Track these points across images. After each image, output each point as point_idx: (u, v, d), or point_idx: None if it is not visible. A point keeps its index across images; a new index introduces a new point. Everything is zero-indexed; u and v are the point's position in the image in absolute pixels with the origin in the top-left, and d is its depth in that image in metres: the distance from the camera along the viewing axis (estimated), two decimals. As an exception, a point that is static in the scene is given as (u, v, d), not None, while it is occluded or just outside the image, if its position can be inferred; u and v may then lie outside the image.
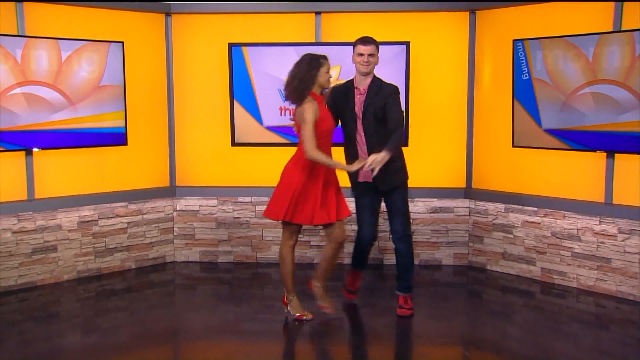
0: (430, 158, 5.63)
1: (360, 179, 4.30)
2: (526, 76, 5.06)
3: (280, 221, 4.18)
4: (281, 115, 5.50)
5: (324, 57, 4.10)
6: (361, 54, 4.18)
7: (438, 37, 5.51)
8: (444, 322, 4.39)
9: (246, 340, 4.14)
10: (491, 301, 4.92)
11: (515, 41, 5.09)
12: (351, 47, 4.28)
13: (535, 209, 5.16)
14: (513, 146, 5.23)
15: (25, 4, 4.89)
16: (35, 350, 3.91)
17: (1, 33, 4.73)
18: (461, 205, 5.57)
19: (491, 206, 5.41)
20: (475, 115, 5.57)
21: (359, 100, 4.23)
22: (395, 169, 4.24)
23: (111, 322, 4.40)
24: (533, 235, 5.19)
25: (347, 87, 4.30)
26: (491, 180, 5.53)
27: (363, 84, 4.24)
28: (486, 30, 5.44)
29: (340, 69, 5.39)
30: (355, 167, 3.99)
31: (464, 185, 5.63)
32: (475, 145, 5.59)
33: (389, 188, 4.29)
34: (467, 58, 5.51)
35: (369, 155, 4.11)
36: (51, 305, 4.68)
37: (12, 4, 4.84)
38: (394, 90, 4.22)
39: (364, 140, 4.24)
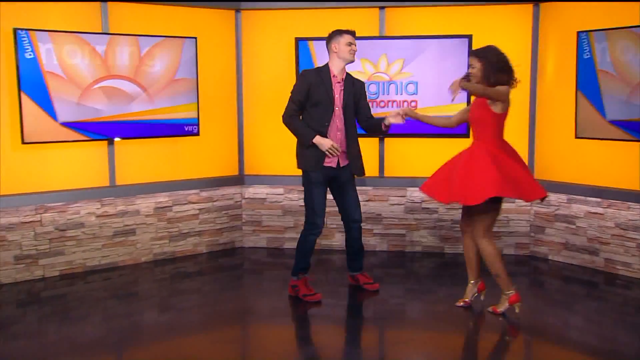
0: (492, 149, 5.58)
1: (326, 162, 4.30)
2: (590, 67, 4.96)
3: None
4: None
5: None
6: (351, 43, 4.25)
7: (500, 30, 5.45)
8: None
9: (310, 324, 4.26)
10: (553, 291, 4.87)
11: (579, 33, 4.99)
12: (414, 40, 4.31)
13: (599, 199, 5.06)
14: (576, 137, 5.14)
15: (109, 3, 5.12)
16: (117, 325, 4.12)
17: (87, 31, 4.98)
18: (523, 195, 5.50)
19: (553, 197, 5.33)
20: (538, 106, 5.49)
21: (338, 88, 4.28)
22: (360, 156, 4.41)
23: (184, 302, 4.57)
24: (596, 226, 5.09)
25: (323, 75, 4.27)
26: (553, 171, 5.44)
27: (342, 74, 4.31)
28: (550, 22, 5.35)
29: (403, 62, 5.41)
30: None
31: (526, 176, 5.56)
32: (537, 136, 5.52)
33: (359, 173, 4.42)
34: (530, 50, 5.44)
35: (347, 142, 4.28)
36: (131, 285, 4.91)
37: (98, 4, 5.08)
38: (364, 83, 4.47)
39: (344, 127, 4.31)
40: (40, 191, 4.97)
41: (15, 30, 4.65)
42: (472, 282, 4.31)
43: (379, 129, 4.44)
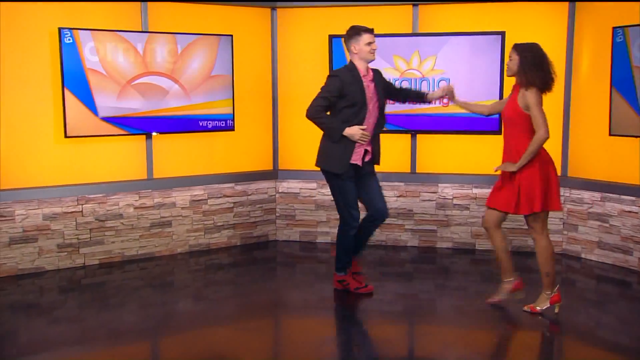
0: (525, 146, 5.49)
1: (352, 160, 4.22)
2: (625, 64, 4.82)
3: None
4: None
5: None
6: (371, 42, 4.16)
7: (535, 27, 5.34)
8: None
9: (340, 317, 4.26)
10: (586, 289, 4.76)
11: (614, 28, 4.86)
12: (446, 37, 4.24)
13: (633, 198, 4.93)
14: (610, 134, 5.01)
15: (149, 3, 5.20)
16: (153, 313, 4.20)
17: (127, 29, 5.07)
18: (556, 193, 5.40)
19: (587, 194, 5.21)
20: (572, 103, 5.37)
21: (369, 86, 4.20)
22: None
23: (218, 293, 4.63)
24: (630, 224, 4.95)
25: (354, 74, 4.18)
26: (587, 168, 5.32)
27: (367, 71, 4.24)
28: (585, 17, 5.22)
29: (435, 59, 5.35)
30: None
31: (559, 173, 5.44)
32: (571, 133, 5.40)
33: (379, 162, 4.36)
34: (565, 46, 5.32)
35: (372, 139, 4.22)
36: (166, 275, 4.99)
37: (138, 3, 5.17)
38: (378, 69, 4.38)
39: (374, 123, 4.24)
40: (81, 183, 5.09)
41: (60, 30, 4.77)
42: (506, 280, 4.18)
43: (419, 98, 4.44)
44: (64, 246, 5.00)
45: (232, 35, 5.46)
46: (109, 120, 5.01)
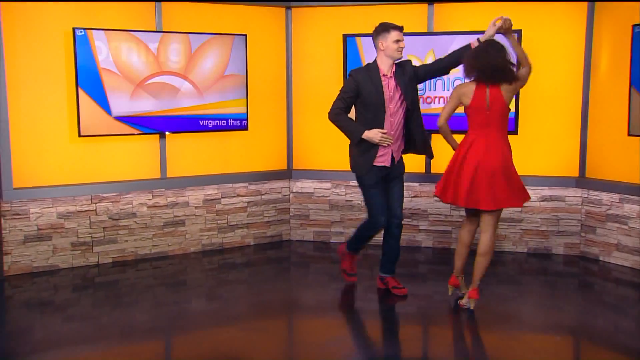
0: (542, 146, 5.38)
1: (379, 162, 4.15)
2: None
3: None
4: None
5: None
6: (399, 40, 4.07)
7: (552, 25, 5.23)
8: (553, 311, 4.18)
9: (354, 317, 4.21)
10: (604, 292, 4.64)
11: (634, 26, 4.73)
12: (461, 35, 4.14)
13: (654, 200, 4.81)
14: (629, 135, 4.88)
15: (163, 3, 5.18)
16: (165, 312, 4.16)
17: (140, 29, 5.05)
18: (573, 194, 5.29)
19: (605, 196, 5.09)
20: (591, 103, 5.25)
21: (390, 86, 4.11)
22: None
23: (231, 292, 4.60)
24: (650, 227, 4.84)
25: (372, 74, 4.10)
26: (606, 169, 5.19)
27: (390, 70, 4.12)
28: (604, 17, 5.10)
29: (451, 57, 5.25)
30: None
31: (577, 174, 5.34)
32: (589, 133, 5.28)
33: (403, 168, 4.31)
34: (584, 45, 5.20)
35: (407, 137, 4.21)
36: (179, 274, 4.96)
37: (152, 3, 5.15)
38: (409, 61, 4.24)
39: (402, 123, 4.17)
40: (95, 182, 5.09)
41: (74, 30, 4.76)
42: (461, 276, 4.28)
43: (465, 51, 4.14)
44: (77, 244, 5.00)
45: (246, 35, 5.42)
46: (122, 119, 5.00)
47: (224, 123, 5.40)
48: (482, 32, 5.25)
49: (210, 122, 5.35)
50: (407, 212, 5.38)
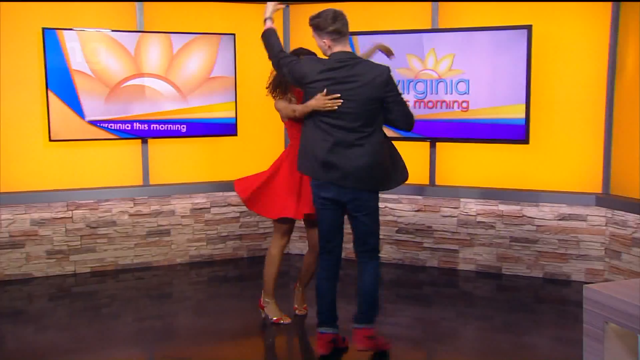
0: (557, 158, 4.66)
1: None
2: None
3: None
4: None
5: None
6: None
7: (568, 20, 4.51)
8: (570, 346, 3.52)
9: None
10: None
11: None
12: (465, 32, 3.57)
13: (686, 223, 3.99)
14: (659, 146, 4.09)
15: (145, 3, 4.88)
16: (148, 326, 3.86)
17: (116, 29, 4.76)
18: (596, 213, 4.52)
19: (631, 217, 4.30)
20: (616, 109, 4.46)
21: None
22: None
23: (221, 306, 4.22)
24: (682, 255, 4.02)
25: None
26: (632, 186, 4.39)
27: None
28: (631, 19, 4.30)
29: (453, 57, 4.64)
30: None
31: (600, 191, 4.57)
32: (614, 143, 4.49)
33: None
34: (608, 45, 4.42)
35: None
36: (165, 286, 4.65)
37: (133, 3, 4.87)
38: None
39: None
40: (71, 188, 4.84)
41: (43, 30, 4.53)
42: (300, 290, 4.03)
43: None
44: (53, 252, 4.76)
45: (234, 35, 5.02)
46: (97, 124, 4.72)
47: (210, 128, 5.03)
48: (487, 28, 4.64)
49: (194, 127, 4.98)
50: (410, 228, 4.87)
